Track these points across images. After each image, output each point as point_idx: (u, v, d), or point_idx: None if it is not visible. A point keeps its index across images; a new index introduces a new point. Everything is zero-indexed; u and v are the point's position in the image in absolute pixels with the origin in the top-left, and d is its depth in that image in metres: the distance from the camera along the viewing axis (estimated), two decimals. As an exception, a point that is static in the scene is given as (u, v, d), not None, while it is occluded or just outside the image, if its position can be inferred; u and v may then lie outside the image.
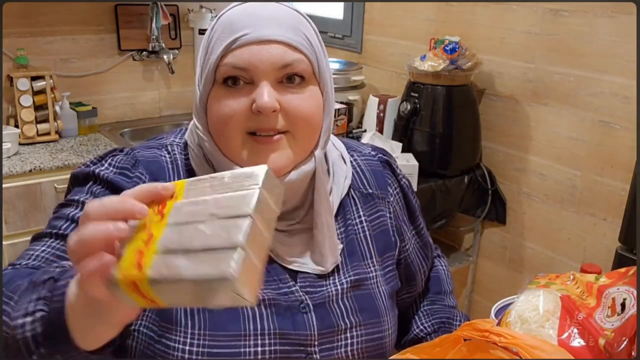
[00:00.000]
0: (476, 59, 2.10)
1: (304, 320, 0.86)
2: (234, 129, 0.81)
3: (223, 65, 0.80)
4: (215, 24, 0.84)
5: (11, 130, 2.29)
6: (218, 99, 0.82)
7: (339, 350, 0.88)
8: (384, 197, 0.98)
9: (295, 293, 0.87)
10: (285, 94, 0.81)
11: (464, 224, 2.36)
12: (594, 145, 1.90)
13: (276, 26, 0.81)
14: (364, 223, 0.95)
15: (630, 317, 0.78)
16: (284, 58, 0.80)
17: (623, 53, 1.77)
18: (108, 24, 2.70)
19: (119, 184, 0.83)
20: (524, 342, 0.76)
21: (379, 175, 1.00)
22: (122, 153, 0.88)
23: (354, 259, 0.92)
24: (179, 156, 0.90)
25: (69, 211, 0.83)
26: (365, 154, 1.02)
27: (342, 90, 2.46)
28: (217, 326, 0.81)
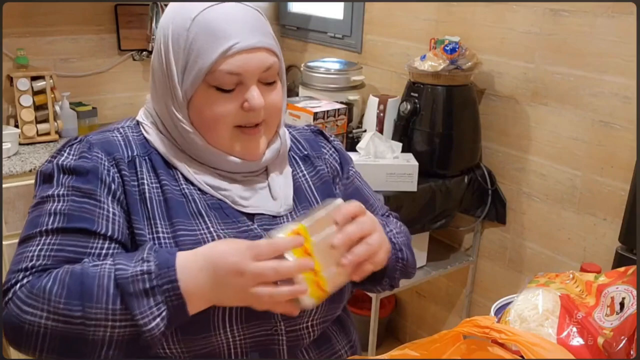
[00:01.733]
0: (476, 59, 2.10)
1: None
2: (225, 125, 0.95)
3: (217, 72, 0.92)
4: (191, 26, 0.92)
5: (11, 130, 2.29)
6: (209, 100, 0.94)
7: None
8: (319, 156, 1.14)
9: (254, 231, 0.98)
10: (265, 92, 0.96)
11: (464, 224, 2.36)
12: (594, 145, 1.90)
13: (259, 33, 0.94)
14: (307, 177, 1.10)
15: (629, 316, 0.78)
16: (266, 62, 0.95)
17: (623, 53, 1.77)
18: (108, 24, 2.70)
19: (82, 167, 0.93)
20: (525, 339, 0.76)
21: (312, 141, 1.17)
22: (76, 141, 0.98)
23: (302, 202, 1.06)
24: (130, 134, 1.01)
25: (48, 206, 0.90)
26: (299, 129, 1.20)
27: (342, 90, 2.46)
28: None
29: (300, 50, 3.09)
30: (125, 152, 0.97)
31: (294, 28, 3.10)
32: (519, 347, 0.76)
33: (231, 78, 0.92)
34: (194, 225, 0.94)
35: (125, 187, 0.94)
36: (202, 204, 0.96)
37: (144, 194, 0.94)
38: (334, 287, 0.85)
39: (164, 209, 0.94)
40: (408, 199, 2.04)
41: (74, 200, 0.90)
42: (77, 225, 0.88)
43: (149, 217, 0.93)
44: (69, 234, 0.87)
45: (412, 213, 2.06)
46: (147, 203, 0.94)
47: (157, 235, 0.92)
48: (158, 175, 0.97)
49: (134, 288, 0.80)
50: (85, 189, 0.91)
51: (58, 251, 0.86)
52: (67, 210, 0.89)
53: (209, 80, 0.92)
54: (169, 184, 0.96)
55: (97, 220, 0.89)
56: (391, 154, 2.05)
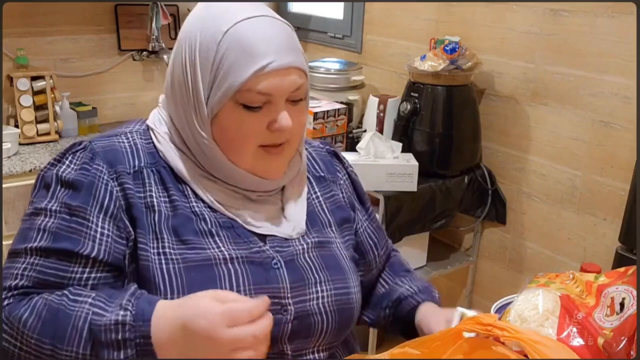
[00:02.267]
0: (476, 59, 2.10)
1: (277, 275, 0.93)
2: (250, 145, 0.91)
3: (247, 91, 0.87)
4: (223, 40, 0.87)
5: (11, 130, 2.29)
6: (235, 118, 0.90)
7: (311, 302, 0.95)
8: (334, 180, 1.11)
9: (266, 252, 0.94)
10: (292, 112, 0.92)
11: (464, 224, 2.36)
12: (594, 145, 1.90)
13: (292, 53, 0.90)
14: (321, 199, 1.07)
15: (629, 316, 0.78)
16: (297, 82, 0.91)
17: (623, 53, 1.77)
18: (108, 24, 2.70)
19: (79, 182, 0.90)
20: (528, 337, 0.76)
21: (328, 163, 1.13)
22: (80, 148, 0.94)
23: (315, 226, 1.02)
24: (139, 141, 0.97)
25: (39, 221, 0.89)
26: (315, 146, 1.15)
27: (342, 90, 2.46)
28: (194, 288, 0.85)
29: (300, 50, 3.09)
30: (131, 162, 0.93)
31: (294, 28, 3.09)
32: (521, 346, 0.76)
33: (260, 97, 0.88)
34: (204, 244, 0.91)
35: (129, 200, 0.90)
36: (213, 223, 0.93)
37: (152, 207, 0.91)
38: None
39: (172, 225, 0.91)
40: (408, 199, 2.04)
41: (63, 218, 0.88)
42: (61, 246, 0.86)
43: (156, 231, 0.90)
44: (52, 254, 0.86)
45: (412, 213, 2.06)
46: (155, 217, 0.90)
47: (164, 250, 0.89)
48: (167, 189, 0.93)
49: (106, 337, 0.78)
50: (75, 206, 0.88)
51: (40, 273, 0.86)
52: (54, 229, 0.87)
53: (237, 98, 0.88)
54: (179, 199, 0.93)
55: (83, 241, 0.87)
56: (391, 154, 2.05)
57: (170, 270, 0.88)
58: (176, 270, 0.88)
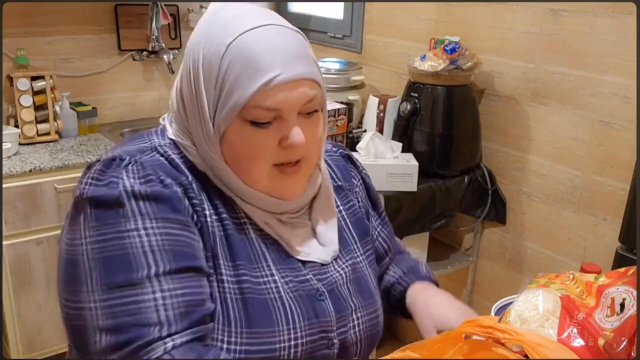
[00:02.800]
0: (476, 59, 2.10)
1: (323, 307, 0.90)
2: (262, 164, 0.85)
3: (254, 107, 0.81)
4: (226, 53, 0.81)
5: (11, 130, 2.29)
6: (244, 135, 0.83)
7: (350, 332, 0.93)
8: (351, 188, 1.06)
9: (310, 281, 0.91)
10: (305, 127, 0.86)
11: (464, 224, 2.36)
12: (594, 145, 1.90)
13: (301, 63, 0.83)
14: (343, 212, 1.02)
15: (629, 317, 0.78)
16: (308, 94, 0.84)
17: (623, 53, 1.77)
18: (108, 24, 2.70)
19: (162, 193, 0.81)
20: (529, 339, 0.76)
21: (343, 169, 1.08)
22: (127, 162, 0.83)
23: (344, 245, 0.99)
24: (174, 156, 0.88)
25: (137, 243, 0.78)
26: (329, 150, 1.09)
27: (342, 90, 2.46)
28: (252, 323, 0.83)
29: (300, 50, 3.09)
30: (179, 177, 0.85)
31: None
32: (523, 347, 0.75)
33: (269, 113, 0.82)
34: (257, 271, 0.86)
35: (198, 217, 0.84)
36: (262, 244, 0.88)
37: (207, 227, 0.84)
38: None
39: (227, 248, 0.85)
40: (408, 199, 2.04)
41: (169, 233, 0.79)
42: (186, 264, 0.79)
43: (213, 255, 0.84)
44: (183, 275, 0.79)
45: (412, 213, 2.06)
46: (210, 238, 0.84)
47: (221, 277, 0.84)
48: (216, 206, 0.87)
49: None
50: (177, 219, 0.80)
51: (183, 295, 0.77)
52: (167, 246, 0.78)
53: (244, 114, 0.82)
54: (229, 218, 0.87)
55: (199, 255, 0.81)
56: (391, 154, 2.05)
57: (228, 300, 0.83)
58: (234, 301, 0.83)
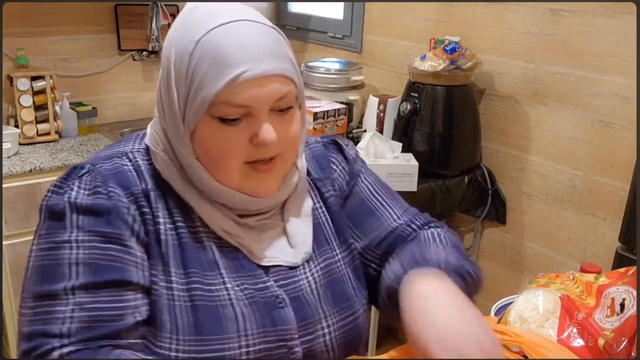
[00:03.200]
0: (476, 59, 2.10)
1: (282, 315, 0.87)
2: (233, 162, 0.83)
3: (222, 104, 0.80)
4: (195, 50, 0.80)
5: (11, 130, 2.29)
6: (213, 133, 0.82)
7: (318, 340, 0.89)
8: (327, 176, 1.01)
9: (270, 288, 0.88)
10: (278, 123, 0.84)
11: (464, 224, 2.36)
12: (594, 145, 1.90)
13: (271, 59, 0.81)
14: (323, 207, 0.98)
15: (629, 317, 0.78)
16: (280, 91, 0.82)
17: (623, 53, 1.77)
18: (108, 24, 2.70)
19: (102, 206, 0.82)
20: (529, 339, 0.76)
21: (321, 158, 1.02)
22: (85, 171, 0.85)
23: (320, 245, 0.95)
24: (142, 162, 0.89)
25: (66, 254, 0.80)
26: (311, 143, 1.05)
27: (342, 90, 2.46)
28: (201, 331, 0.82)
29: (300, 50, 3.09)
30: (139, 185, 0.86)
31: (294, 28, 3.10)
32: (523, 348, 0.76)
33: (237, 110, 0.80)
34: (209, 278, 0.85)
35: (146, 227, 0.84)
36: (218, 253, 0.87)
37: (159, 235, 0.85)
38: None
39: (179, 256, 0.85)
40: (408, 199, 2.02)
41: (96, 247, 0.80)
42: (107, 278, 0.79)
43: (164, 263, 0.84)
44: (99, 289, 0.78)
45: (412, 213, 2.06)
46: (162, 246, 0.84)
47: (171, 285, 0.83)
48: (172, 214, 0.87)
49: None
50: (108, 233, 0.81)
51: (91, 310, 0.77)
52: (90, 260, 0.79)
53: (213, 111, 0.80)
54: (185, 226, 0.87)
55: (127, 268, 0.81)
56: (391, 154, 2.05)
57: (177, 308, 0.82)
58: (182, 309, 0.83)
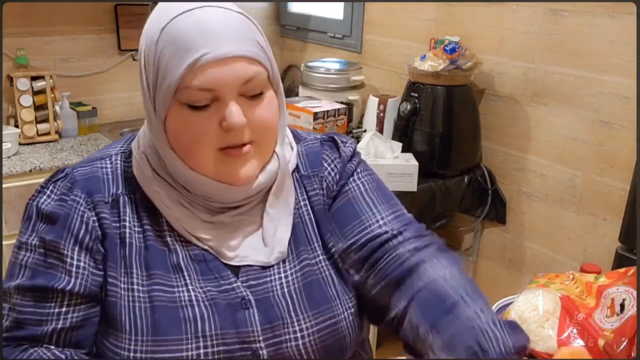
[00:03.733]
0: (476, 59, 2.10)
1: (245, 317, 0.85)
2: (206, 148, 0.83)
3: (185, 89, 0.80)
4: (160, 38, 0.82)
5: (11, 130, 2.29)
6: (183, 119, 0.82)
7: (289, 344, 0.86)
8: (316, 174, 0.98)
9: (236, 290, 0.87)
10: (248, 107, 0.83)
11: (464, 224, 2.36)
12: (594, 145, 1.90)
13: (233, 40, 0.80)
14: (308, 206, 0.96)
15: (629, 317, 0.78)
16: (245, 73, 0.81)
17: (623, 53, 1.77)
18: (108, 24, 2.70)
19: (55, 214, 0.86)
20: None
21: (313, 156, 0.99)
22: (62, 176, 0.90)
23: (300, 244, 0.92)
24: (120, 164, 0.92)
25: (21, 256, 0.87)
26: (309, 140, 1.02)
27: (342, 90, 2.46)
28: (159, 331, 0.82)
29: (300, 50, 3.09)
30: (110, 189, 0.89)
31: (294, 28, 3.10)
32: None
33: (203, 94, 0.80)
34: (172, 281, 0.85)
35: (104, 231, 0.86)
36: (183, 255, 0.87)
37: (124, 239, 0.87)
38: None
39: (143, 258, 0.86)
40: (408, 199, 2.04)
41: (40, 253, 0.85)
42: (37, 283, 0.84)
43: (127, 265, 0.86)
44: (28, 292, 0.84)
45: (412, 213, 2.05)
46: (127, 250, 0.86)
47: (132, 287, 0.85)
48: (141, 218, 0.88)
49: None
50: (49, 241, 0.85)
51: (19, 313, 0.83)
52: (33, 265, 0.85)
53: (179, 97, 0.81)
54: (152, 230, 0.88)
55: (59, 276, 0.84)
56: (391, 154, 2.05)
57: (136, 309, 0.84)
58: (142, 310, 0.84)
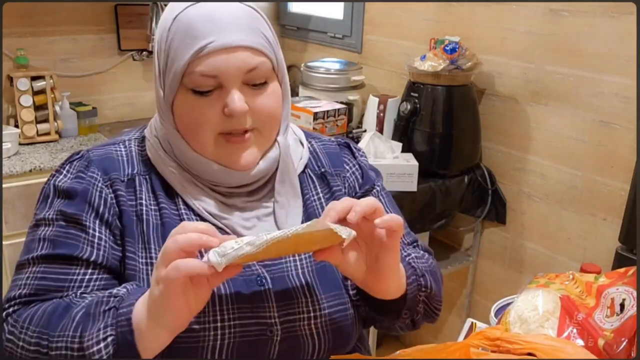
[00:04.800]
0: (476, 59, 2.10)
1: (262, 293, 0.88)
2: (207, 132, 0.88)
3: (191, 74, 0.85)
4: (172, 26, 0.87)
5: (11, 130, 2.29)
6: (188, 104, 0.87)
7: (302, 323, 0.89)
8: (339, 173, 1.03)
9: (252, 267, 0.90)
10: (251, 95, 0.88)
11: (464, 224, 2.36)
12: (594, 145, 1.90)
13: (238, 31, 0.85)
14: (322, 200, 1.00)
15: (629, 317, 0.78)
16: (249, 63, 0.86)
17: (623, 53, 1.77)
18: (108, 24, 2.70)
19: (73, 190, 0.90)
20: (542, 344, 0.74)
21: (334, 156, 1.05)
22: (78, 157, 0.94)
23: None
24: (135, 148, 0.97)
25: (40, 232, 0.89)
26: (324, 140, 1.08)
27: (342, 90, 2.46)
28: None
29: (300, 50, 3.09)
30: (125, 169, 0.93)
31: (294, 28, 3.10)
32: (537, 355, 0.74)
33: (207, 80, 0.85)
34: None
35: (121, 208, 0.90)
36: None
37: (141, 216, 0.90)
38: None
39: (160, 234, 0.89)
40: (408, 199, 2.04)
41: (61, 225, 0.88)
42: (60, 252, 0.86)
43: (144, 240, 0.89)
44: (53, 261, 0.86)
45: (412, 213, 2.06)
46: (144, 226, 0.89)
47: (151, 261, 0.88)
48: (157, 197, 0.92)
49: (95, 310, 0.77)
50: (70, 213, 0.88)
51: (41, 279, 0.85)
52: (53, 237, 0.87)
53: (185, 82, 0.86)
54: (168, 208, 0.91)
55: (81, 246, 0.87)
56: (391, 154, 2.05)
57: None
58: None
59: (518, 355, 0.76)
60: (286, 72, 0.95)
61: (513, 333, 0.84)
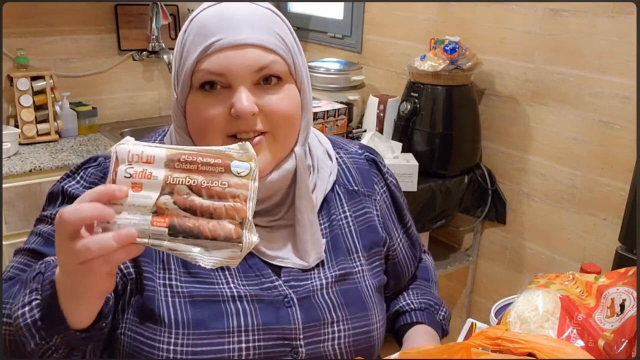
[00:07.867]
0: (476, 59, 2.10)
1: (288, 314, 0.86)
2: (215, 133, 0.83)
3: (199, 71, 0.82)
4: (188, 27, 0.86)
5: (11, 130, 2.29)
6: (196, 103, 0.84)
7: (326, 344, 0.88)
8: (370, 195, 0.99)
9: (278, 288, 0.87)
10: (263, 96, 0.83)
11: (464, 224, 2.36)
12: (594, 145, 1.90)
13: (249, 29, 0.82)
14: (349, 219, 0.96)
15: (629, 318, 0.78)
16: (259, 61, 0.82)
17: (623, 53, 1.77)
18: (108, 24, 2.70)
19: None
20: (542, 345, 0.74)
21: (365, 174, 1.01)
22: (94, 164, 0.90)
23: (339, 253, 0.93)
24: None
25: (40, 227, 0.88)
26: (352, 152, 1.03)
27: (342, 90, 2.46)
28: (201, 325, 0.82)
29: (300, 50, 3.09)
30: None
31: (294, 28, 3.08)
32: (537, 354, 0.74)
33: (215, 78, 0.82)
34: (212, 278, 0.85)
35: None
36: None
37: None
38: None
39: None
40: (408, 199, 2.01)
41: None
42: (46, 250, 0.84)
43: (163, 260, 0.85)
44: (37, 256, 0.84)
45: (412, 213, 2.04)
46: None
47: (170, 282, 0.84)
48: None
49: (27, 276, 0.74)
50: None
51: (21, 270, 0.83)
52: (47, 234, 0.85)
53: (194, 81, 0.83)
54: None
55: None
56: (391, 154, 2.05)
57: (175, 303, 0.83)
58: (182, 304, 0.83)
59: (518, 355, 0.76)
60: (307, 81, 0.90)
61: (514, 332, 0.83)
